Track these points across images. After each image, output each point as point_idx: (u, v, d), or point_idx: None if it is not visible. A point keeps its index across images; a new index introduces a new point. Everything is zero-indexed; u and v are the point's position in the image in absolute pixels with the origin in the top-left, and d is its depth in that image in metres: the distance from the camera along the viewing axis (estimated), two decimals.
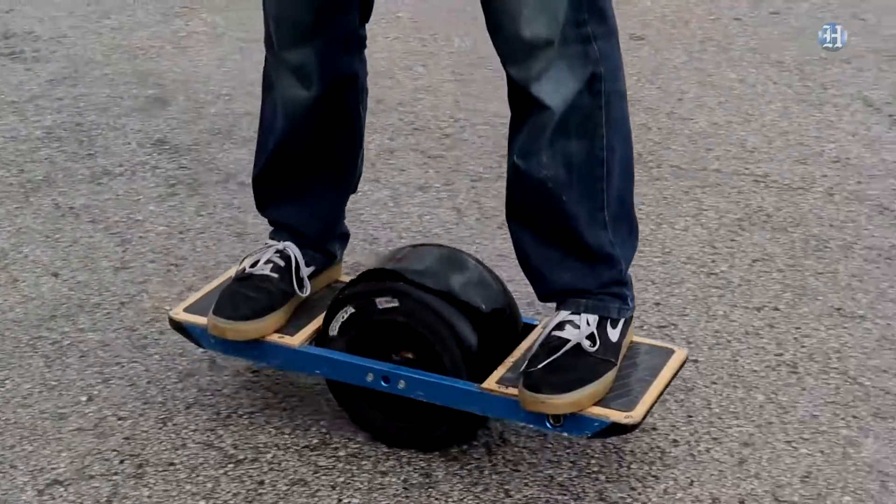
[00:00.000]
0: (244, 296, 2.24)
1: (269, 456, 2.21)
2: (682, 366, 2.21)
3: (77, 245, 2.85)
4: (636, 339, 2.23)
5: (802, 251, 2.87)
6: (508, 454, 2.22)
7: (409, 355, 2.17)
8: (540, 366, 2.05)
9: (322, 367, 2.20)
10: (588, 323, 2.10)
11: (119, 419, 2.30)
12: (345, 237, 2.45)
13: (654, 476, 2.16)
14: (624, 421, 2.02)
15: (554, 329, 2.11)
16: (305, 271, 2.31)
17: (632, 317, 2.19)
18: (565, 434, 2.09)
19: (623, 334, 2.14)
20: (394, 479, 2.15)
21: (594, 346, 2.08)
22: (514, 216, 2.15)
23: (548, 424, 2.06)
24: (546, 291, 2.18)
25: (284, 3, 2.17)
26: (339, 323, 2.19)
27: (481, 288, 2.19)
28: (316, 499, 2.11)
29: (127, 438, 2.25)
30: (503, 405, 2.09)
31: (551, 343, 2.08)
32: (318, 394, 2.36)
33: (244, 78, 3.73)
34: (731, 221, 2.99)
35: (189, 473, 2.16)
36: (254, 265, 2.30)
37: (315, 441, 2.24)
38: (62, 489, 2.12)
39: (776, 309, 2.65)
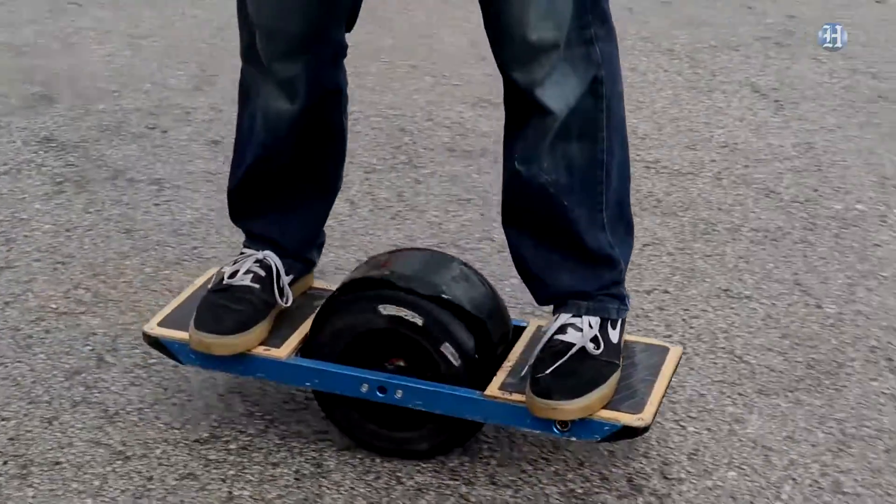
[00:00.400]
0: (226, 308, 2.16)
1: (157, 451, 2.18)
2: (678, 363, 2.19)
3: None
4: (628, 338, 2.20)
5: (691, 234, 2.91)
6: None
7: (401, 363, 2.13)
8: (547, 371, 2.01)
9: (313, 379, 2.13)
10: (590, 325, 2.08)
11: (2, 420, 2.26)
12: (322, 244, 2.39)
13: (544, 458, 2.17)
14: (635, 424, 2.00)
15: (556, 333, 2.08)
16: (286, 280, 2.24)
17: (626, 317, 2.17)
18: (573, 439, 2.06)
19: (621, 334, 2.13)
20: (285, 471, 2.14)
21: (598, 348, 2.06)
22: (512, 222, 2.13)
23: (555, 430, 2.03)
24: (546, 295, 2.15)
25: (278, 15, 2.08)
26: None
27: (471, 290, 2.14)
28: (206, 492, 2.09)
29: (11, 439, 2.20)
30: (507, 412, 2.05)
31: (555, 347, 2.06)
32: (209, 388, 2.34)
33: (133, 74, 3.68)
34: None
35: (76, 472, 2.13)
36: (233, 276, 2.21)
37: (205, 435, 2.22)
38: None
39: (666, 291, 2.68)
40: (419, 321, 2.08)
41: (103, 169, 3.15)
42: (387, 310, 2.10)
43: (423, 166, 3.20)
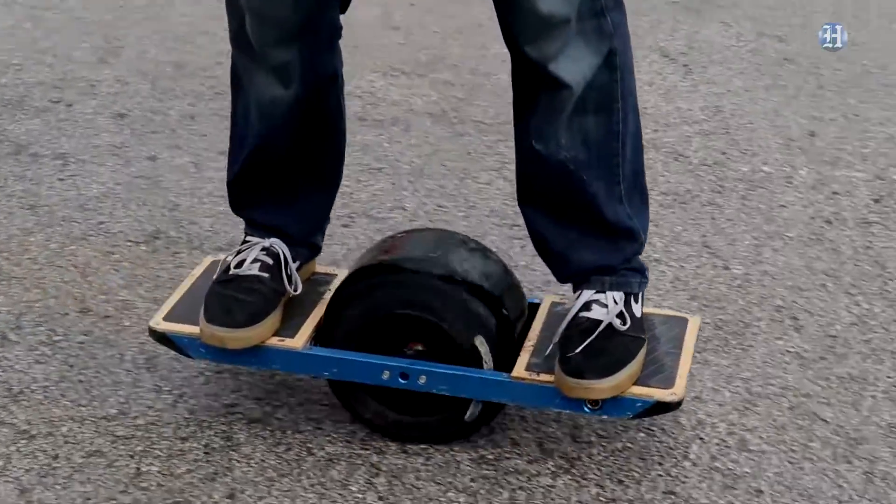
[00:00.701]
0: (236, 300, 2.09)
1: (63, 429, 2.15)
2: (698, 332, 2.18)
3: None
4: (645, 311, 2.17)
5: None
6: (312, 412, 2.21)
7: (420, 347, 2.09)
8: (577, 350, 1.99)
9: (332, 368, 2.08)
10: (615, 301, 2.06)
11: None
12: (324, 229, 2.33)
13: None
14: (669, 399, 1.99)
15: (581, 310, 2.06)
16: (293, 267, 2.18)
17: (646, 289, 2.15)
18: (605, 417, 2.04)
19: (642, 307, 2.12)
20: (194, 445, 2.12)
21: (624, 324, 2.04)
22: (529, 200, 2.09)
23: (586, 409, 2.01)
24: (568, 273, 2.13)
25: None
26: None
27: (486, 268, 2.11)
28: (113, 469, 2.07)
29: None
30: (536, 393, 2.02)
31: (582, 325, 2.03)
32: (116, 364, 2.31)
33: (36, 46, 3.61)
34: None
35: None
36: (239, 265, 2.15)
37: (113, 412, 2.20)
38: None
39: None
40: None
41: (5, 144, 3.10)
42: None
43: None
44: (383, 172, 3.04)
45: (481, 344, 2.06)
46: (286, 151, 2.15)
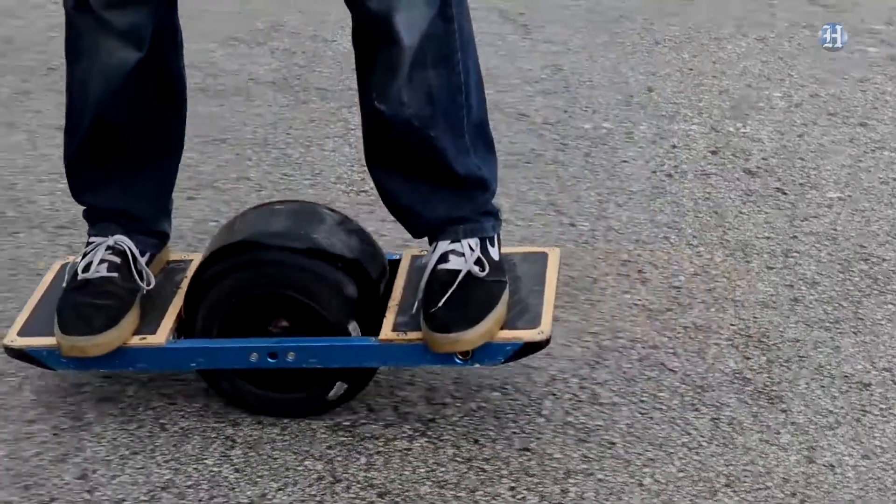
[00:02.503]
0: (90, 305, 2.03)
1: None
2: (559, 265, 2.17)
3: None
4: (504, 250, 2.16)
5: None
6: (163, 388, 2.17)
7: (285, 323, 2.05)
8: (440, 304, 1.97)
9: (198, 359, 2.04)
10: (471, 248, 2.04)
11: None
12: (170, 212, 2.25)
13: None
14: (537, 338, 1.99)
15: (438, 262, 2.04)
16: (143, 261, 2.12)
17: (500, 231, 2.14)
18: (476, 366, 2.03)
19: (499, 250, 2.10)
20: (42, 427, 2.08)
21: (483, 270, 2.03)
22: (377, 160, 2.06)
23: (457, 361, 1.99)
24: (421, 227, 2.10)
25: None
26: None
27: (340, 233, 2.08)
28: None
29: None
30: (406, 353, 2.01)
31: (441, 278, 2.02)
32: None
33: None
34: None
35: None
36: (86, 269, 2.08)
37: None
38: None
39: None
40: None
41: None
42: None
43: None
44: (227, 143, 3.00)
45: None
46: (129, 119, 2.08)
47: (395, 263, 2.20)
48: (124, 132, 2.10)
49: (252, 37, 3.55)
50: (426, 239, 2.14)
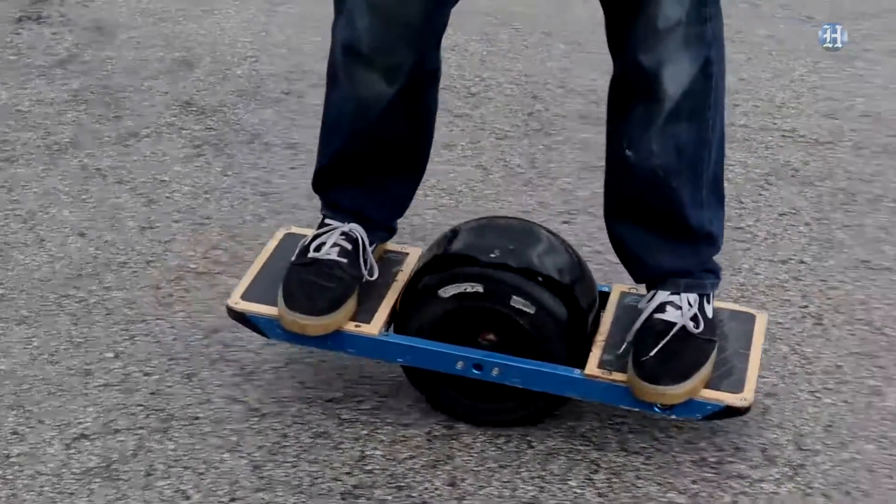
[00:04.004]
0: (316, 285, 2.12)
1: (293, 409, 2.22)
2: (766, 330, 2.17)
3: (103, 205, 2.87)
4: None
5: (830, 205, 2.85)
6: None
7: (492, 337, 2.12)
8: (651, 354, 2.00)
9: (406, 356, 2.12)
10: (690, 303, 2.06)
11: (145, 375, 2.32)
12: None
13: (676, 426, 2.16)
14: (739, 404, 2.00)
15: (655, 311, 2.06)
16: (370, 252, 2.22)
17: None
18: (673, 417, 2.05)
19: (712, 307, 2.12)
20: (417, 432, 2.16)
21: (698, 327, 2.05)
22: (613, 208, 2.11)
23: (656, 409, 2.02)
24: (646, 275, 2.13)
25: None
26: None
27: (558, 258, 2.12)
28: (339, 451, 2.12)
29: (152, 393, 2.27)
30: (607, 391, 2.04)
31: (656, 327, 2.04)
32: None
33: (269, 40, 3.73)
34: (758, 176, 2.97)
35: (214, 427, 2.18)
36: (318, 249, 2.17)
37: (339, 395, 2.26)
38: (88, 443, 2.15)
39: (802, 262, 2.64)
40: (512, 296, 2.06)
41: (241, 133, 3.21)
42: (474, 287, 2.08)
43: (556, 133, 3.19)
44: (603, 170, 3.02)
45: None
46: (380, 147, 2.16)
47: (604, 296, 2.19)
48: (373, 159, 2.17)
49: None
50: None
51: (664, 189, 2.02)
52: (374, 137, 2.15)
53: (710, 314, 2.08)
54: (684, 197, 2.03)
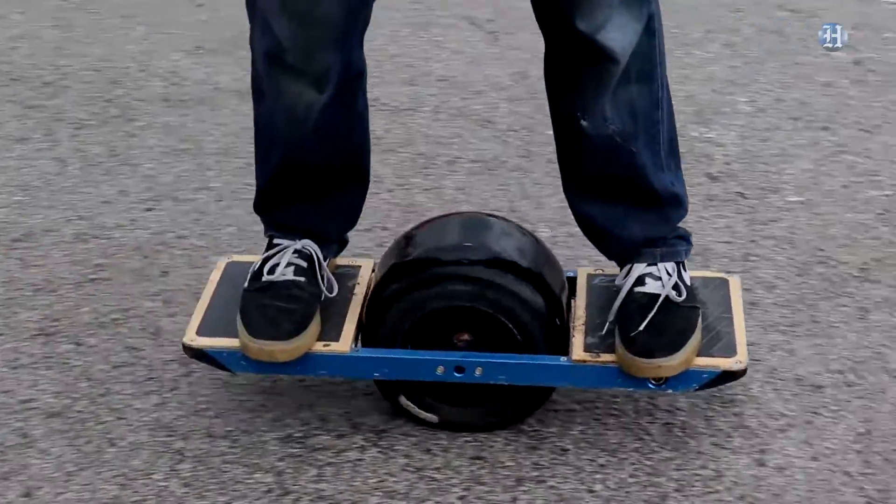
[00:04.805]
0: (277, 308, 2.00)
1: None
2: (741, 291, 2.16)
3: None
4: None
5: (411, 169, 2.92)
6: (113, 403, 2.16)
7: (467, 337, 2.03)
8: (640, 329, 1.95)
9: (383, 369, 2.02)
10: (668, 272, 2.02)
11: None
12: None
13: (262, 406, 2.16)
14: (735, 367, 1.96)
15: (635, 285, 2.01)
16: (326, 268, 2.09)
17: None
18: (669, 391, 2.00)
19: (688, 275, 2.08)
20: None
21: (681, 295, 2.00)
22: (573, 183, 2.04)
23: (650, 385, 1.97)
24: (619, 249, 2.07)
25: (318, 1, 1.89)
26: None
27: (521, 245, 2.05)
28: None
29: None
30: (598, 375, 1.98)
31: (640, 301, 1.99)
32: None
33: None
34: None
35: None
36: (272, 271, 2.05)
37: None
38: None
39: (385, 228, 2.68)
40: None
41: None
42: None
43: (138, 118, 3.12)
44: (188, 153, 2.98)
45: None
46: (320, 158, 2.05)
47: (572, 281, 2.16)
48: (310, 169, 2.06)
49: (218, 46, 3.54)
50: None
51: (625, 155, 1.97)
52: (312, 149, 2.02)
53: (688, 281, 2.06)
54: (646, 161, 1.99)
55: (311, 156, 2.04)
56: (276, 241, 2.10)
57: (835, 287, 2.43)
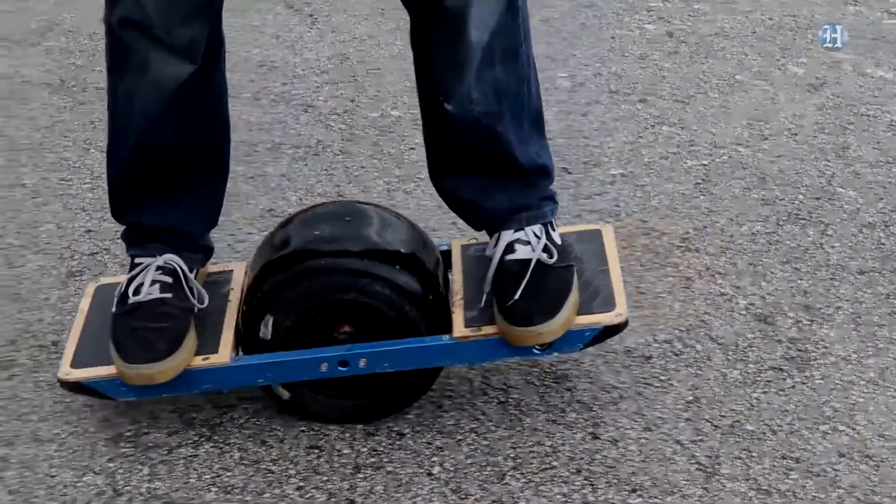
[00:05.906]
0: (148, 329, 1.92)
1: None
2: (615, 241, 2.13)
3: None
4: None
5: (233, 159, 2.86)
6: None
7: (348, 328, 1.97)
8: (516, 297, 1.90)
9: (267, 374, 1.95)
10: (536, 235, 1.98)
11: None
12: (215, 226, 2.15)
13: (89, 406, 2.10)
14: (616, 321, 1.94)
15: (505, 253, 1.97)
16: (193, 279, 2.00)
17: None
18: (555, 354, 1.96)
19: (558, 234, 2.05)
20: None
21: (552, 256, 1.97)
22: (438, 163, 2.00)
23: (535, 352, 1.93)
24: (485, 220, 2.03)
25: None
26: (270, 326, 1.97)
27: (394, 230, 2.01)
28: None
29: None
30: (483, 349, 1.95)
31: (511, 269, 1.95)
32: None
33: None
34: None
35: None
36: (137, 291, 1.96)
37: None
38: None
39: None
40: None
41: None
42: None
43: None
44: None
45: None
46: (176, 137, 1.97)
47: (446, 255, 2.13)
48: (171, 150, 1.99)
49: (25, 37, 3.42)
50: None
51: (490, 136, 1.95)
52: (168, 126, 1.93)
53: (558, 241, 2.03)
54: (511, 138, 1.96)
55: (168, 136, 1.99)
56: (137, 260, 2.05)
57: (659, 258, 2.48)
